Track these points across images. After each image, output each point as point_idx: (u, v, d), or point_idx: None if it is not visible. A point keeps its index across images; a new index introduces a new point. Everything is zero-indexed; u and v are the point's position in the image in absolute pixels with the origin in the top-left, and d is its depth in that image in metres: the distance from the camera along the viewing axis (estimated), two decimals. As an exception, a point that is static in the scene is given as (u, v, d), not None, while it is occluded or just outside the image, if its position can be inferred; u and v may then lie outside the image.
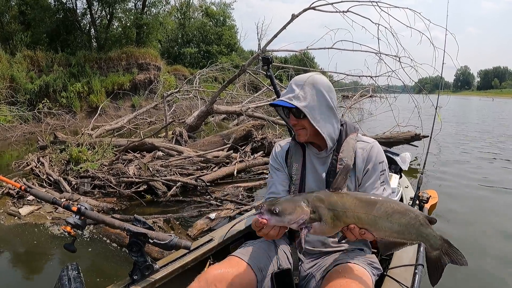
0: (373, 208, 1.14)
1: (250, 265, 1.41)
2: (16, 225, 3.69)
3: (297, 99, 1.44)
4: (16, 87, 12.72)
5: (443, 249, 1.18)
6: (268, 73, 2.29)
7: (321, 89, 1.46)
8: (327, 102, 1.47)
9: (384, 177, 1.50)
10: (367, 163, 1.49)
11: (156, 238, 1.44)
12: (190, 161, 5.46)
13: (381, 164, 1.50)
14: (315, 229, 1.16)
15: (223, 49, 28.35)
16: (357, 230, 1.17)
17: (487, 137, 11.11)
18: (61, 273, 1.35)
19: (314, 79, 1.48)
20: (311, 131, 1.49)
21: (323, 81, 1.50)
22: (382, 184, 1.49)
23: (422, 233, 1.16)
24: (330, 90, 1.50)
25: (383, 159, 1.52)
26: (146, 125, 11.63)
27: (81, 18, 19.42)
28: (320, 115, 1.46)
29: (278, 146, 1.71)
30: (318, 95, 1.46)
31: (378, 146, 1.54)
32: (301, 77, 1.51)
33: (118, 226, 1.44)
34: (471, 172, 6.34)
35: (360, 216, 1.14)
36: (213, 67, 12.88)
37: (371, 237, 1.18)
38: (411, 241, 1.18)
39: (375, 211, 1.13)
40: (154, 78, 17.39)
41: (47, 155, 6.13)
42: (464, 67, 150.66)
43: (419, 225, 1.15)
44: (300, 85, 1.48)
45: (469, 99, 65.30)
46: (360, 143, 1.53)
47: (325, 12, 5.85)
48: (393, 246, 1.19)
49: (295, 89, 1.47)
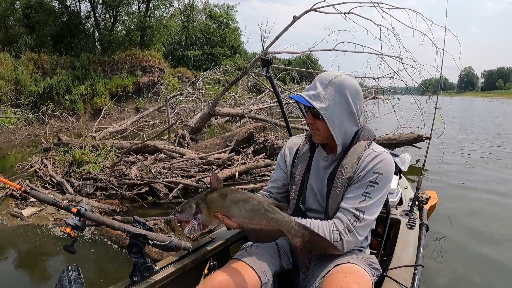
0: (225, 199, 1.36)
1: (254, 268, 1.40)
2: (18, 226, 3.72)
3: (317, 99, 1.37)
4: (20, 89, 12.80)
5: (305, 237, 1.25)
6: (268, 74, 2.29)
7: (346, 92, 1.37)
8: (349, 108, 1.38)
9: (373, 189, 1.37)
10: (363, 169, 1.39)
11: (156, 239, 1.44)
12: (192, 163, 5.47)
13: (377, 175, 1.37)
14: (201, 219, 1.43)
15: (227, 51, 28.38)
16: (221, 217, 1.36)
17: (489, 138, 11.07)
18: (61, 274, 1.35)
19: (341, 80, 1.38)
20: (325, 134, 1.42)
21: (351, 83, 1.40)
22: (365, 195, 1.37)
23: (271, 218, 1.28)
24: (356, 95, 1.40)
25: (384, 172, 1.38)
26: (149, 128, 11.67)
27: (85, 21, 19.52)
28: (339, 120, 1.38)
29: (291, 142, 1.66)
30: (341, 98, 1.37)
31: (387, 158, 1.40)
32: (328, 75, 1.41)
33: (118, 227, 1.45)
34: (472, 174, 6.34)
35: (219, 205, 1.38)
36: (216, 69, 12.91)
37: (232, 223, 1.35)
38: (267, 226, 1.29)
39: (226, 201, 1.36)
40: (158, 80, 17.42)
41: (50, 157, 6.17)
42: (468, 68, 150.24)
43: (265, 211, 1.28)
44: (324, 83, 1.39)
45: (473, 100, 64.95)
46: (368, 151, 1.42)
47: (326, 13, 5.86)
48: (256, 232, 1.32)
49: (318, 87, 1.39)
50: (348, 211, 1.36)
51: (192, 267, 1.63)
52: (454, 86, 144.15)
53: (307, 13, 5.95)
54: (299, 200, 1.53)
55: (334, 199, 1.42)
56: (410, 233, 1.88)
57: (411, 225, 1.97)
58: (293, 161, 1.58)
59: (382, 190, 1.39)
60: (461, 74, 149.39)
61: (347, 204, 1.38)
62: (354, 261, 1.39)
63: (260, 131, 7.04)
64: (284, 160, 1.63)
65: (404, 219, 2.05)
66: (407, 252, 1.66)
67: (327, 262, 1.45)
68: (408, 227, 1.95)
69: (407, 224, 1.98)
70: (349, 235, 1.35)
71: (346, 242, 1.35)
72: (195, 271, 1.64)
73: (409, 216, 2.08)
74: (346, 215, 1.36)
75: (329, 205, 1.44)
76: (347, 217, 1.36)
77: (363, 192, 1.36)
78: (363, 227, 1.37)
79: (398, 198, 2.36)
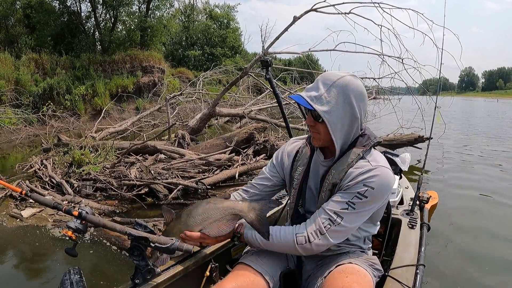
0: (180, 220, 1.47)
1: (261, 273, 1.41)
2: (18, 227, 3.72)
3: (319, 101, 1.29)
4: (20, 89, 12.81)
5: (255, 209, 1.40)
6: (267, 76, 2.28)
7: (350, 95, 1.29)
8: (353, 112, 1.31)
9: (359, 201, 1.28)
10: (353, 179, 1.31)
11: (157, 242, 1.43)
12: (192, 164, 5.46)
13: (367, 188, 1.28)
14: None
15: (227, 51, 28.41)
16: (184, 236, 1.42)
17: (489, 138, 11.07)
18: (63, 277, 1.35)
19: (345, 82, 1.30)
20: (325, 137, 1.35)
21: (356, 86, 1.31)
22: (349, 204, 1.29)
23: (222, 207, 1.40)
24: (361, 98, 1.32)
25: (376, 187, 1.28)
26: (150, 128, 11.67)
27: (85, 21, 19.55)
28: (341, 124, 1.31)
29: (290, 145, 1.60)
30: (345, 101, 1.29)
31: (383, 174, 1.30)
32: (332, 75, 1.32)
33: (120, 230, 1.44)
34: (473, 173, 6.34)
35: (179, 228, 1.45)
36: (216, 69, 12.90)
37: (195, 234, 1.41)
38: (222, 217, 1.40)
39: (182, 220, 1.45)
40: (158, 80, 17.44)
41: (50, 158, 6.16)
42: (469, 68, 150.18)
43: (213, 205, 1.42)
44: (327, 84, 1.31)
45: (474, 100, 64.98)
46: (363, 162, 1.32)
47: (327, 14, 5.86)
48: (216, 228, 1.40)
49: (320, 88, 1.31)
50: (325, 213, 1.31)
51: (194, 269, 1.63)
52: (455, 86, 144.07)
53: (308, 13, 5.95)
54: (298, 204, 1.51)
55: (321, 202, 1.39)
56: (411, 232, 1.88)
57: (412, 224, 1.97)
58: (292, 164, 1.54)
59: (370, 204, 1.31)
60: (461, 74, 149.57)
61: (328, 206, 1.33)
62: (355, 261, 1.39)
63: (260, 132, 7.03)
64: (281, 163, 1.59)
65: (405, 219, 2.05)
66: (408, 251, 1.67)
67: (328, 262, 1.45)
68: (409, 227, 1.95)
69: (408, 224, 1.98)
70: (320, 237, 1.31)
71: (315, 245, 1.31)
72: (197, 273, 1.64)
73: (410, 216, 2.08)
74: (321, 217, 1.32)
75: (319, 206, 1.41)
76: (321, 219, 1.31)
77: (347, 200, 1.29)
78: (337, 231, 1.31)
79: (399, 198, 2.36)
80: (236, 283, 1.34)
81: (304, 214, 1.50)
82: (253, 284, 1.36)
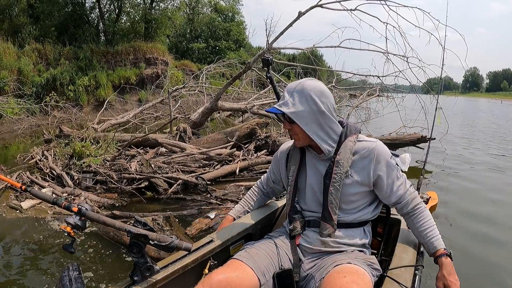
0: None
1: (253, 269, 1.44)
2: (17, 219, 3.71)
3: (286, 106, 1.49)
4: (23, 79, 12.80)
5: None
6: (268, 74, 2.26)
7: (310, 94, 1.47)
8: (317, 107, 1.47)
9: (399, 172, 1.57)
10: (375, 164, 1.50)
11: (157, 239, 1.43)
12: (192, 158, 5.46)
13: (390, 161, 1.54)
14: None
15: (231, 44, 28.33)
16: None
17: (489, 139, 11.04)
18: (63, 274, 1.35)
19: (303, 86, 1.49)
20: (303, 136, 1.52)
21: (314, 86, 1.50)
22: (400, 180, 1.56)
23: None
24: (321, 94, 1.49)
25: (390, 154, 1.55)
26: (152, 120, 11.66)
27: (89, 12, 19.50)
28: (310, 120, 1.48)
29: (282, 147, 1.79)
30: (308, 101, 1.47)
31: (381, 145, 1.55)
32: (292, 85, 1.54)
33: (119, 227, 1.44)
34: (473, 174, 6.32)
35: None
36: (220, 63, 12.86)
37: None
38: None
39: None
40: (162, 73, 17.37)
41: (51, 149, 6.17)
42: (473, 69, 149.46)
43: None
44: (290, 92, 1.51)
45: (478, 101, 64.69)
46: (360, 143, 1.54)
47: (332, 10, 5.80)
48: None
49: (286, 96, 1.52)
50: (401, 190, 1.57)
51: (193, 267, 1.63)
52: (459, 86, 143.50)
53: (313, 9, 5.89)
54: (294, 200, 1.63)
55: (334, 194, 1.50)
56: (410, 233, 1.87)
57: None
58: (286, 165, 1.71)
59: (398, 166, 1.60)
60: (466, 74, 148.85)
61: (394, 186, 1.55)
62: (354, 261, 1.41)
63: (262, 127, 7.00)
64: (278, 166, 1.80)
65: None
66: (407, 252, 1.66)
67: (326, 262, 1.47)
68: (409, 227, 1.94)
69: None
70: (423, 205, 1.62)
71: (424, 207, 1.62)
72: (196, 271, 1.64)
73: None
74: (406, 195, 1.58)
75: (328, 201, 1.51)
76: (408, 195, 1.58)
77: (400, 182, 1.56)
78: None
79: None
80: (224, 274, 1.38)
81: (301, 210, 1.62)
82: (242, 277, 1.40)
